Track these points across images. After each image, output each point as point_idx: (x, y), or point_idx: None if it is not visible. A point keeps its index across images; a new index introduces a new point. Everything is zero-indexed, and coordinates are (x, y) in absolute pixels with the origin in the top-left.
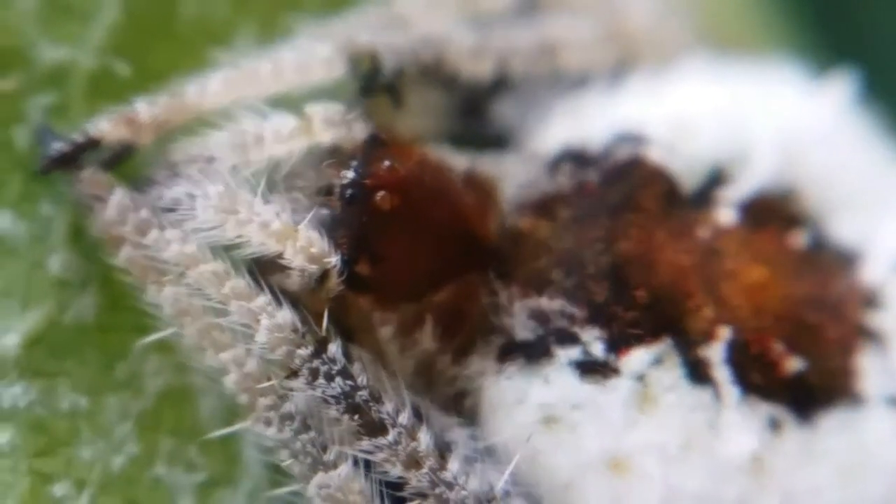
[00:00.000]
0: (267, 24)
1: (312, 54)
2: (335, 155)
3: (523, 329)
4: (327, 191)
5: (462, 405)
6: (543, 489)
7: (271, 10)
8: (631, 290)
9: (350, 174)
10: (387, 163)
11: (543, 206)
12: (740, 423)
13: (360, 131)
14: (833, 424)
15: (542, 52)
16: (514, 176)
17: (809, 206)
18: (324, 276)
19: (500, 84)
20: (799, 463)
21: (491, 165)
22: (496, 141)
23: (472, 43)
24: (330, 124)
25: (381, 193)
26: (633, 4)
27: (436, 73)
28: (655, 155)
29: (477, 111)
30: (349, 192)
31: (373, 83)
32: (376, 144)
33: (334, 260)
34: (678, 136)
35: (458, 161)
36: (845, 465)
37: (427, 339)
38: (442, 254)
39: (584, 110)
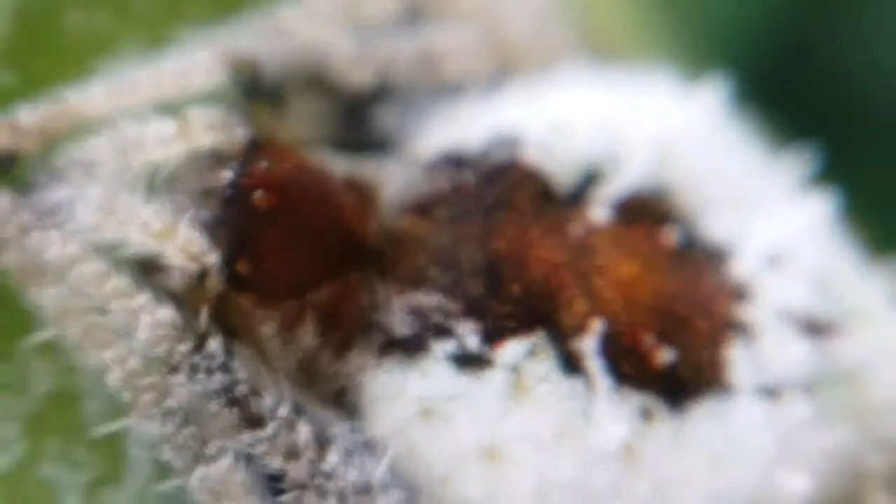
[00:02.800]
0: (152, 35)
1: (193, 62)
2: (215, 158)
3: (401, 325)
4: (207, 192)
5: (344, 400)
6: (421, 481)
7: (156, 20)
8: (505, 285)
9: (229, 175)
10: (265, 164)
11: (421, 207)
12: (612, 413)
13: (239, 135)
14: (704, 414)
15: (423, 60)
16: (393, 179)
17: (682, 205)
18: (204, 274)
19: (382, 91)
20: (670, 451)
21: (371, 169)
22: (378, 146)
23: (353, 51)
24: (210, 128)
25: (258, 193)
26: (513, 12)
27: (317, 81)
28: (531, 156)
29: (358, 118)
30: (228, 192)
31: (254, 90)
32: (255, 147)
33: (214, 259)
34: (554, 138)
35: (338, 165)
36: (715, 453)
37: (308, 336)
38: (321, 253)
39: (463, 115)
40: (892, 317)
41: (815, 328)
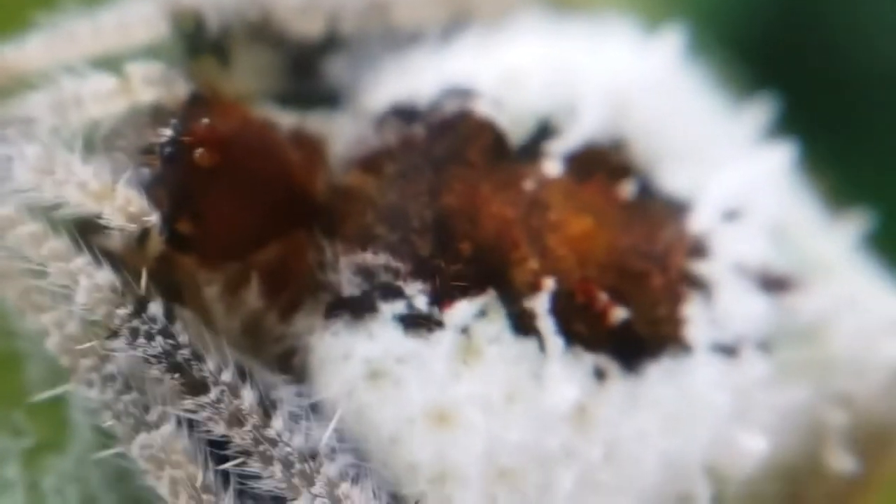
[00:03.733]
0: None
1: (133, 14)
2: (156, 114)
3: (349, 285)
4: (147, 150)
5: (291, 363)
6: (371, 444)
7: None
8: (455, 243)
9: (169, 132)
10: (206, 120)
11: (370, 162)
12: (564, 374)
13: (181, 90)
14: (660, 373)
15: (373, 8)
16: (343, 133)
17: (638, 156)
18: (144, 235)
19: (331, 42)
20: (625, 411)
21: (320, 124)
22: (328, 99)
23: (300, 0)
24: (150, 83)
25: (199, 150)
26: None
27: (263, 32)
28: (483, 108)
29: (307, 70)
30: (168, 149)
31: (197, 43)
32: (197, 103)
33: (154, 219)
34: (507, 90)
35: (285, 119)
36: (672, 412)
37: (253, 297)
38: (266, 212)
39: (415, 67)
40: (851, 269)
41: (774, 283)
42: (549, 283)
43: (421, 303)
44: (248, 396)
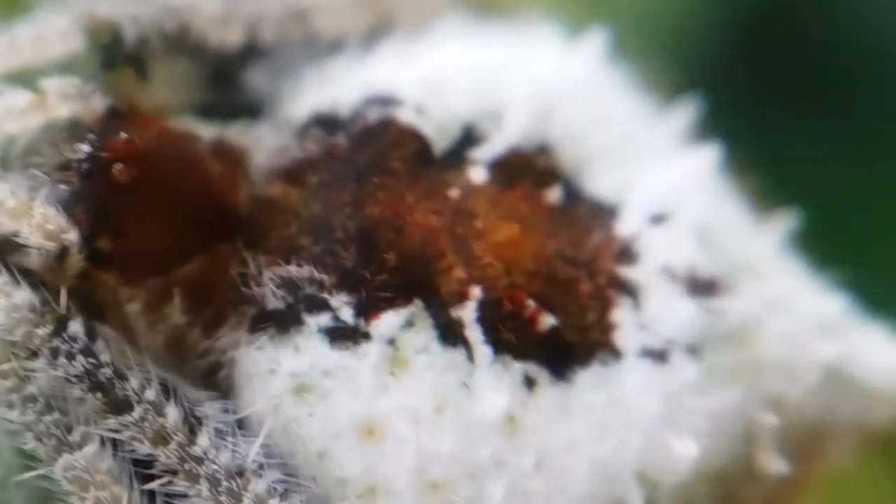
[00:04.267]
0: (6, 1)
1: (49, 28)
2: (73, 129)
3: (274, 298)
4: (65, 166)
5: (216, 379)
6: (299, 459)
7: None
8: (379, 253)
9: (86, 148)
10: (124, 135)
11: (293, 173)
12: (493, 383)
13: (98, 104)
14: (590, 379)
15: (293, 16)
16: (265, 144)
17: (564, 161)
18: (64, 253)
19: (251, 52)
20: (555, 420)
21: (242, 135)
22: (249, 110)
23: (218, 10)
24: (66, 98)
25: (118, 166)
26: None
27: (182, 43)
28: (406, 116)
29: (228, 80)
30: (85, 165)
31: (114, 55)
32: (115, 117)
33: (73, 236)
34: (430, 97)
35: (206, 131)
36: (602, 419)
37: (176, 313)
38: (187, 226)
39: (337, 75)
40: (780, 270)
41: (702, 286)
42: (476, 292)
43: (347, 315)
44: (172, 414)
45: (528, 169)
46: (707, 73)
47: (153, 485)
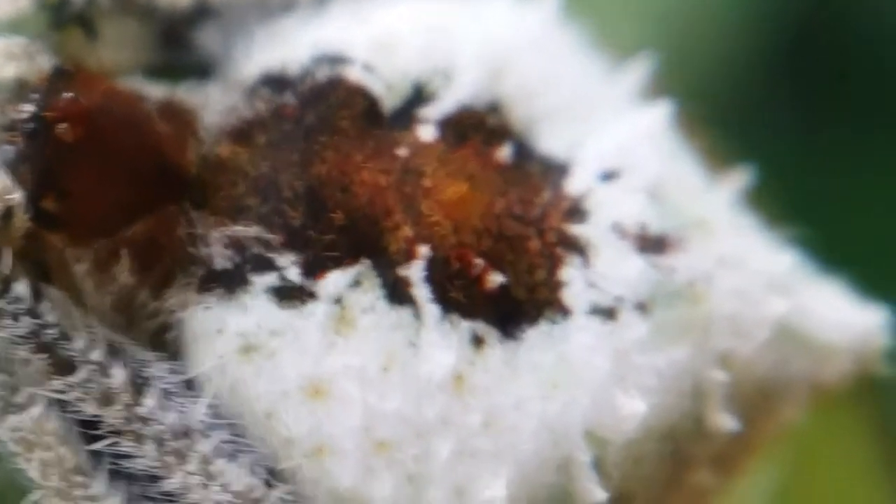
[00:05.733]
0: None
1: None
2: (18, 90)
3: (221, 258)
4: (9, 126)
5: (165, 340)
6: (246, 419)
7: None
8: (326, 213)
9: (30, 107)
10: (69, 94)
11: (241, 133)
12: (440, 341)
13: (44, 64)
14: (538, 338)
15: None
16: (214, 104)
17: (515, 119)
18: (9, 214)
19: (201, 12)
20: (503, 378)
21: (191, 95)
22: (199, 70)
23: None
24: (10, 58)
25: (63, 125)
26: None
27: (131, 3)
28: (355, 75)
29: (178, 40)
30: (30, 125)
31: (62, 14)
32: (61, 77)
33: (17, 196)
34: (380, 55)
35: (155, 92)
36: (551, 378)
37: (124, 274)
38: (134, 186)
39: (287, 35)
40: (731, 228)
41: (652, 243)
42: (423, 251)
43: (293, 274)
44: (118, 375)
45: (478, 127)
46: (750, 81)
47: (99, 445)
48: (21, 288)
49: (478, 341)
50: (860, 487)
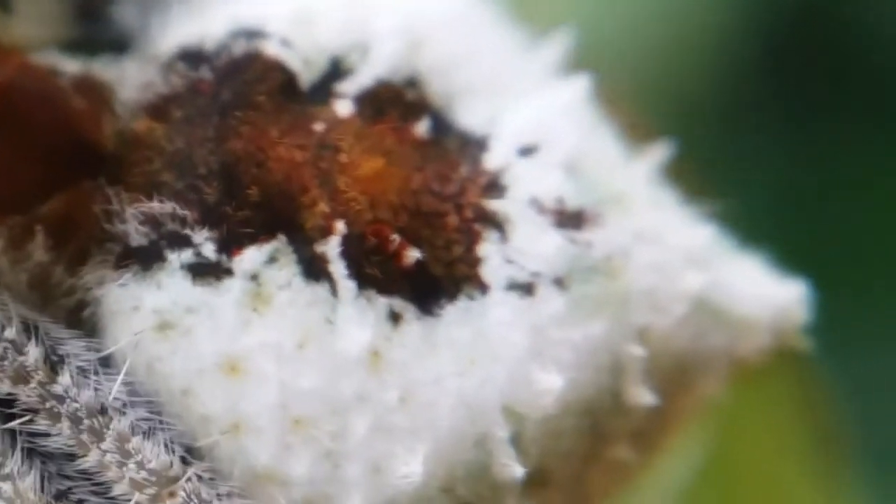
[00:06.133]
0: None
1: None
2: None
3: (137, 235)
4: None
5: (82, 317)
6: (163, 397)
7: None
8: (242, 188)
9: None
10: None
11: (157, 109)
12: (356, 318)
13: None
14: (456, 314)
15: None
16: (131, 80)
17: (434, 94)
18: None
19: None
20: (420, 354)
21: (107, 70)
22: (116, 45)
23: None
24: None
25: None
26: None
27: None
28: (272, 49)
29: (94, 15)
30: None
31: None
32: None
33: None
34: (298, 29)
35: (70, 67)
36: (468, 353)
37: (39, 251)
38: (49, 162)
39: (203, 9)
40: (650, 203)
41: (569, 218)
42: (340, 227)
43: (209, 251)
44: (33, 353)
45: (395, 102)
46: (735, 80)
47: (13, 424)
48: None
49: (395, 317)
50: (783, 462)
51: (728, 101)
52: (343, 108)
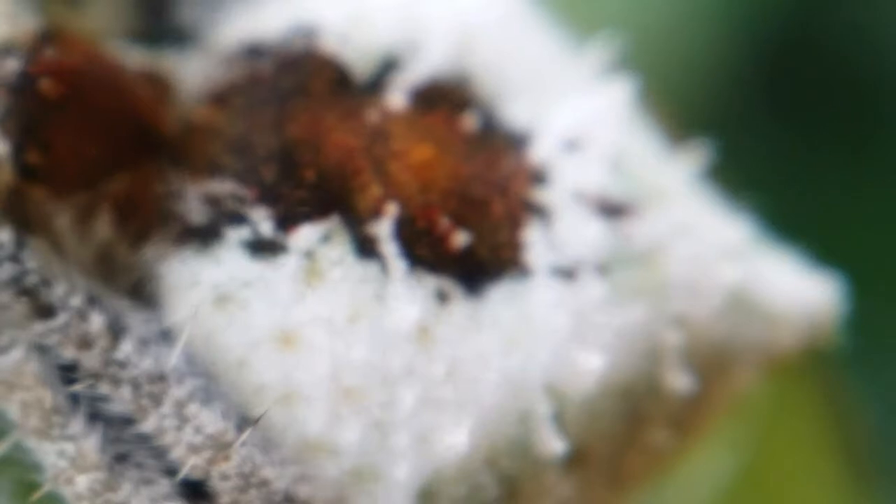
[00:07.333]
0: None
1: None
2: (4, 49)
3: (197, 214)
4: None
5: (143, 292)
6: (219, 367)
7: None
8: (299, 170)
9: (15, 64)
10: (53, 52)
11: (218, 96)
12: (407, 295)
13: (29, 25)
14: (501, 295)
15: None
16: (192, 70)
17: (482, 91)
18: None
19: None
20: (466, 332)
21: (171, 60)
22: (178, 37)
23: None
24: None
25: (46, 81)
26: None
27: None
28: (329, 45)
29: (158, 9)
30: (14, 81)
31: None
32: (45, 37)
33: (2, 149)
34: (353, 27)
35: (135, 56)
36: (512, 334)
37: (104, 227)
38: (114, 143)
39: (263, 7)
40: (689, 198)
41: (611, 209)
42: (391, 209)
43: (266, 228)
44: (96, 321)
45: (446, 97)
46: (729, 101)
47: (77, 387)
48: (3, 235)
49: (442, 296)
50: (813, 475)
51: (721, 115)
52: (396, 100)
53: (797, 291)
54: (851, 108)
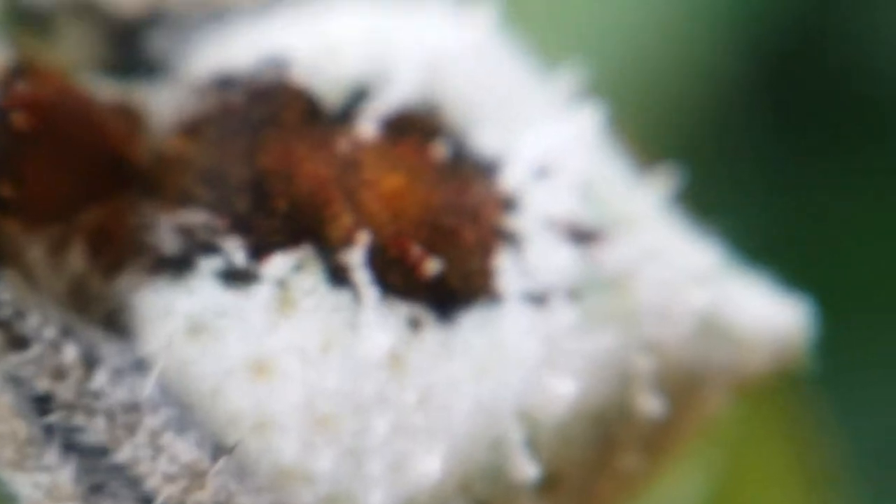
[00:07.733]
0: None
1: None
2: None
3: (170, 244)
4: None
5: (116, 322)
6: (193, 397)
7: None
8: (271, 200)
9: None
10: (25, 85)
11: (189, 128)
12: (379, 323)
13: (1, 59)
14: (473, 322)
15: None
16: (165, 101)
17: (451, 120)
18: None
19: (154, 19)
20: (438, 359)
21: (142, 93)
22: (149, 69)
23: None
24: None
25: (18, 114)
26: None
27: (87, 11)
28: (299, 76)
29: (129, 42)
30: None
31: (17, 13)
32: (17, 70)
33: None
34: (323, 57)
35: (107, 89)
36: (484, 360)
37: (77, 259)
38: (86, 175)
39: (235, 38)
40: (658, 224)
41: (582, 235)
42: (363, 238)
43: (239, 258)
44: (70, 352)
45: (416, 126)
46: (729, 109)
47: (51, 418)
48: None
49: (415, 324)
50: (783, 494)
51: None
52: (366, 130)
53: (766, 316)
54: (851, 119)
